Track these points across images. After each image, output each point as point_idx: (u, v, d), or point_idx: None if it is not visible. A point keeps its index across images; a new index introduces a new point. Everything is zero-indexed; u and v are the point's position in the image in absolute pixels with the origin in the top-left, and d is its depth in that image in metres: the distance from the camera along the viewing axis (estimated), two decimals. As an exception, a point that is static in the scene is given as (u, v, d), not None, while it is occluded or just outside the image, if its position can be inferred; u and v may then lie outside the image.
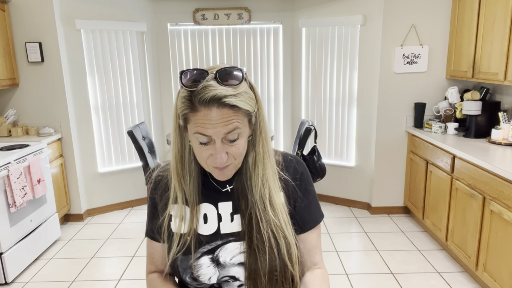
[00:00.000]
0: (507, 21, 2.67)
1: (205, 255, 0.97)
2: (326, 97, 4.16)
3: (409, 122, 3.74)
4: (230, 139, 0.88)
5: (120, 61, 4.01)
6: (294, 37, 4.26)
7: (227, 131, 0.85)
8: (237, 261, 0.96)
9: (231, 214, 0.99)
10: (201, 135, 0.86)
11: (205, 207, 1.00)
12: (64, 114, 3.68)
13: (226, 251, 0.97)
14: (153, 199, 1.06)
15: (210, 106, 0.83)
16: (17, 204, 2.83)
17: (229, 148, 0.89)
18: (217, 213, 1.00)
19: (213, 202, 1.00)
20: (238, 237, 0.97)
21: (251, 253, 0.94)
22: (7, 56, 3.42)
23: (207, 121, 0.84)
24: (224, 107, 0.84)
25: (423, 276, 2.84)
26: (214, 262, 0.97)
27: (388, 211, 3.95)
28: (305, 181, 1.05)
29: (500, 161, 2.48)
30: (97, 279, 2.89)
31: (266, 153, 0.98)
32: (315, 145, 3.48)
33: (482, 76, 2.98)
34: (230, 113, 0.85)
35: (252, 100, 0.90)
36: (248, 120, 0.91)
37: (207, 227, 0.99)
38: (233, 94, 0.85)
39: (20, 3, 3.46)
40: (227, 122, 0.85)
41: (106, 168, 4.09)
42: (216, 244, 0.97)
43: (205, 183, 1.01)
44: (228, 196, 1.00)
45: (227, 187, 1.01)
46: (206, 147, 0.88)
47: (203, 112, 0.84)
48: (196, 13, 4.16)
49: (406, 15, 3.54)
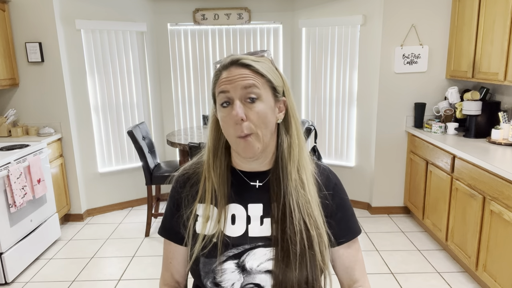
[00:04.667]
0: (507, 21, 2.67)
1: (230, 260, 0.92)
2: (326, 97, 4.16)
3: (409, 122, 3.74)
4: (248, 97, 0.88)
5: (120, 61, 4.01)
6: (294, 37, 4.26)
7: (244, 86, 0.88)
8: (264, 268, 0.91)
9: (261, 217, 0.95)
10: (222, 93, 0.89)
11: (234, 208, 0.97)
12: (64, 114, 3.68)
13: (254, 256, 0.92)
14: (177, 197, 1.02)
15: (229, 67, 0.90)
16: (17, 204, 2.83)
17: (248, 111, 0.88)
18: (247, 214, 0.96)
19: (243, 203, 0.97)
20: (267, 243, 0.93)
21: (281, 260, 0.90)
22: (7, 56, 3.42)
23: (226, 80, 0.89)
24: (242, 66, 0.90)
25: (423, 276, 2.84)
26: (239, 268, 0.92)
27: (388, 211, 3.95)
28: (339, 192, 1.01)
29: (500, 161, 2.48)
30: (97, 279, 2.89)
31: (300, 138, 0.97)
32: (315, 145, 3.48)
33: (482, 76, 2.98)
34: (247, 72, 0.89)
35: (275, 74, 0.93)
36: (270, 89, 0.92)
37: (235, 229, 0.95)
38: (252, 59, 0.91)
39: (20, 3, 3.46)
40: (244, 78, 0.88)
41: (106, 168, 4.09)
42: (243, 248, 0.93)
43: (234, 181, 0.98)
44: (259, 198, 0.97)
45: (256, 182, 0.98)
46: (228, 110, 0.89)
47: (224, 74, 0.90)
48: (196, 13, 4.16)
49: (406, 15, 3.54)
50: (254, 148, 0.89)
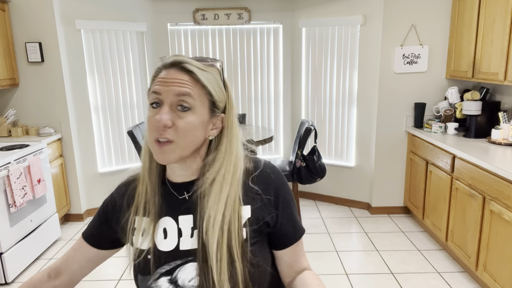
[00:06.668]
0: (507, 21, 2.67)
1: (163, 276, 0.90)
2: (326, 97, 4.16)
3: (409, 122, 3.74)
4: (179, 105, 0.83)
5: (120, 61, 4.01)
6: (294, 37, 4.26)
7: (177, 93, 0.82)
8: (195, 283, 0.89)
9: (192, 228, 0.91)
10: (154, 93, 0.84)
11: (165, 221, 0.92)
12: (64, 114, 3.68)
13: (185, 271, 0.90)
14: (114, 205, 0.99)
15: (170, 68, 0.85)
16: (17, 204, 2.83)
17: (176, 119, 0.83)
18: (178, 227, 0.92)
19: (174, 215, 0.92)
20: (195, 257, 0.89)
21: (203, 275, 0.87)
22: (7, 56, 3.42)
23: (162, 80, 0.84)
24: (183, 71, 0.84)
25: (423, 276, 2.84)
26: (172, 284, 0.89)
27: (388, 211, 3.95)
28: (282, 193, 0.96)
29: (500, 161, 2.48)
30: (97, 279, 2.89)
31: (228, 156, 0.91)
32: (315, 145, 3.48)
33: (482, 76, 2.98)
34: (186, 78, 0.84)
35: (218, 88, 0.88)
36: (209, 103, 0.87)
37: (167, 243, 0.91)
38: (197, 66, 0.85)
39: (20, 3, 3.46)
40: (181, 85, 0.83)
41: (106, 168, 4.09)
42: (175, 264, 0.90)
43: (164, 193, 0.94)
44: (188, 209, 0.92)
45: (184, 194, 0.93)
46: (156, 111, 0.84)
47: (162, 73, 0.85)
48: (196, 13, 4.16)
49: (406, 15, 3.54)
50: (169, 156, 0.84)
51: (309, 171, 3.44)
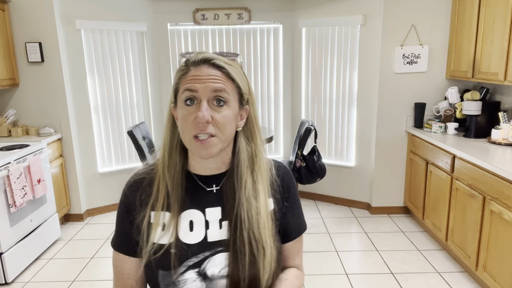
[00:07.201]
0: (507, 21, 2.67)
1: (191, 269, 0.89)
2: (326, 97, 4.16)
3: (409, 122, 3.74)
4: (217, 100, 0.86)
5: (120, 61, 4.01)
6: (294, 37, 4.26)
7: (214, 89, 0.85)
8: (226, 273, 0.90)
9: (220, 220, 0.92)
10: (189, 91, 0.85)
11: (191, 213, 0.92)
12: (64, 114, 3.68)
13: (214, 263, 0.90)
14: (129, 203, 0.95)
15: (200, 65, 0.87)
16: (17, 204, 2.83)
17: (214, 114, 0.85)
18: (205, 219, 0.92)
19: (200, 208, 0.93)
20: (226, 248, 0.91)
21: (234, 265, 0.89)
22: (7, 56, 3.42)
23: (196, 77, 0.86)
24: (214, 67, 0.87)
25: (423, 276, 2.84)
26: (200, 276, 0.89)
27: (388, 211, 3.95)
28: (293, 191, 1.02)
29: (500, 161, 2.48)
30: (97, 279, 2.89)
31: (260, 150, 0.94)
32: (315, 145, 3.48)
33: (482, 76, 2.98)
34: (219, 74, 0.87)
35: (243, 81, 0.92)
36: (238, 96, 0.90)
37: (193, 235, 0.91)
38: (225, 61, 0.89)
39: (20, 3, 3.46)
40: (215, 80, 0.86)
41: (106, 168, 4.09)
42: (203, 256, 0.90)
43: (190, 185, 0.94)
44: (216, 201, 0.93)
45: (213, 186, 0.94)
46: (192, 109, 0.85)
47: (193, 71, 0.87)
48: (196, 13, 4.16)
49: (406, 15, 3.54)
50: (212, 150, 0.87)
51: (309, 171, 3.44)
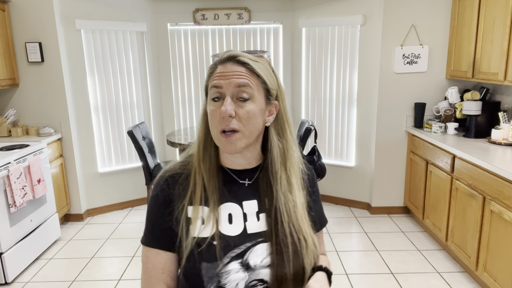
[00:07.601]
0: (507, 21, 2.67)
1: (234, 260, 0.91)
2: (326, 97, 4.16)
3: (409, 122, 3.74)
4: (241, 96, 0.89)
5: (120, 61, 4.01)
6: (294, 37, 4.26)
7: (237, 84, 0.88)
8: (267, 263, 0.92)
9: (257, 213, 0.96)
10: (214, 88, 0.90)
11: (229, 206, 0.95)
12: (64, 114, 3.68)
13: (256, 253, 0.92)
14: (168, 196, 0.95)
15: (226, 62, 0.91)
16: (17, 204, 2.83)
17: (238, 109, 0.88)
18: (243, 212, 0.96)
19: (237, 201, 0.96)
20: (266, 238, 0.94)
21: (276, 254, 0.92)
22: (7, 56, 3.42)
23: (221, 74, 0.90)
24: (238, 63, 0.90)
25: (423, 276, 2.84)
26: (243, 266, 0.91)
27: (388, 211, 3.95)
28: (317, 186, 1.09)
29: (500, 161, 2.48)
30: (97, 279, 2.89)
31: (291, 145, 0.97)
32: (315, 145, 3.48)
33: (482, 76, 2.98)
34: (243, 70, 0.89)
35: (270, 76, 0.94)
36: (264, 92, 0.92)
37: (233, 228, 0.94)
38: (250, 58, 0.92)
39: (20, 3, 3.46)
40: (239, 76, 0.89)
41: (106, 168, 4.09)
42: (245, 247, 0.92)
43: (224, 178, 0.97)
44: (251, 194, 0.97)
45: (246, 180, 0.98)
46: (218, 104, 0.89)
47: (219, 68, 0.91)
48: (196, 13, 4.16)
49: (406, 15, 3.54)
50: (236, 145, 0.90)
51: (309, 171, 3.44)
